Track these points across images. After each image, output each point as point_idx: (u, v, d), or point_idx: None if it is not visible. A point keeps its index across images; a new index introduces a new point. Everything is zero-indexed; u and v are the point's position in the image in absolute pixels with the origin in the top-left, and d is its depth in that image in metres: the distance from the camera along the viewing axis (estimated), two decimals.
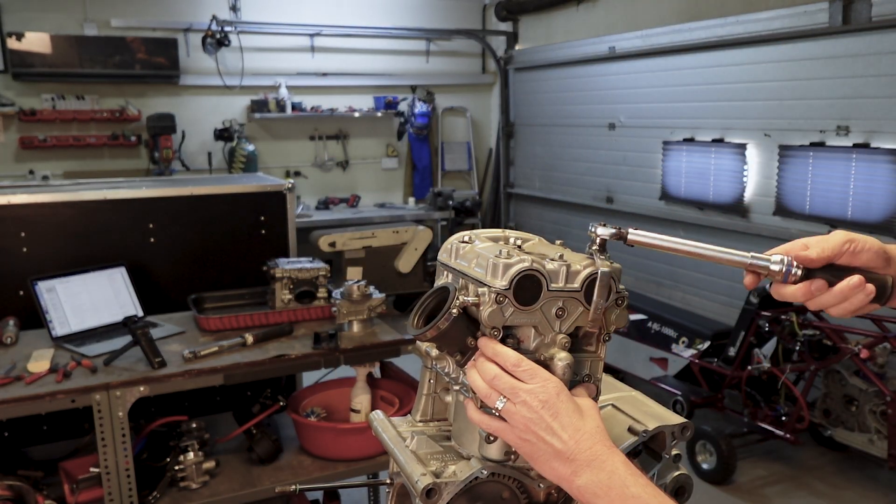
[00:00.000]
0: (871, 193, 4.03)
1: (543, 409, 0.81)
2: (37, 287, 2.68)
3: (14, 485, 2.33)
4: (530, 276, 0.86)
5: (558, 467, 0.81)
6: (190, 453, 2.52)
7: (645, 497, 0.78)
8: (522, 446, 0.83)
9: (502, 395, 0.83)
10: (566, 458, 0.80)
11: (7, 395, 2.16)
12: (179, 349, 2.45)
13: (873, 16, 3.91)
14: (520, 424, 0.82)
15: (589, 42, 6.10)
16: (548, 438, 0.81)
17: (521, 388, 0.82)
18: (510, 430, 0.83)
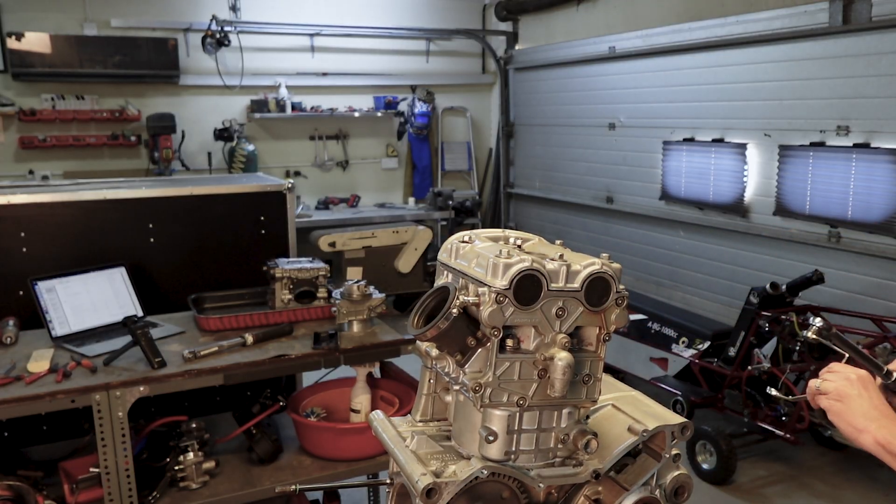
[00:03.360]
0: (871, 193, 4.03)
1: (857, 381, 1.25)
2: (37, 287, 2.68)
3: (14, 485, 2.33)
4: (530, 275, 0.86)
5: (861, 423, 1.19)
6: (190, 453, 2.51)
7: None
8: (834, 405, 1.23)
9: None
10: (870, 418, 1.18)
11: (7, 395, 2.16)
12: (179, 349, 2.45)
13: (873, 16, 3.91)
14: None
15: (589, 42, 6.10)
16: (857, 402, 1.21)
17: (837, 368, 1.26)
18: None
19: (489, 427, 0.90)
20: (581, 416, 0.96)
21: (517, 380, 0.89)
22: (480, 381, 0.88)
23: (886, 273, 4.03)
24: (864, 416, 1.19)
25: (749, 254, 4.84)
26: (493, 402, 0.89)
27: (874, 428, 1.17)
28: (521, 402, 0.90)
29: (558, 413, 0.93)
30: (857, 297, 4.14)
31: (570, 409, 0.93)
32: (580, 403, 0.93)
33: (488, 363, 0.88)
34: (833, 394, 1.23)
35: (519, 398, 0.89)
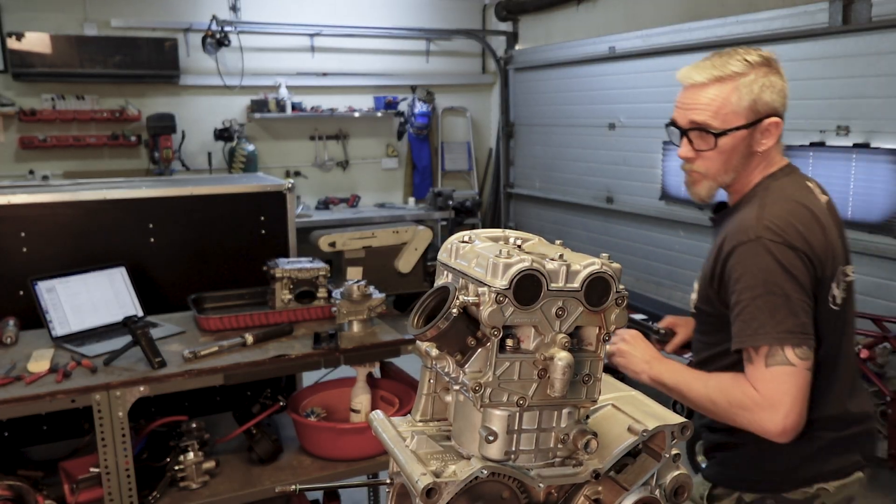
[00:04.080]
0: (871, 193, 4.03)
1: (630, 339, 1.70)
2: (37, 287, 2.68)
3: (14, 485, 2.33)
4: (530, 275, 0.86)
5: (639, 367, 1.62)
6: (190, 453, 2.52)
7: (687, 372, 1.56)
8: (619, 360, 1.67)
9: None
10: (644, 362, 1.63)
11: (7, 395, 2.16)
12: (179, 349, 2.45)
13: (873, 16, 3.91)
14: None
15: (589, 42, 6.10)
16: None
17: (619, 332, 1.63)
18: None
19: (489, 427, 0.91)
20: (581, 416, 0.96)
21: (517, 380, 0.89)
22: (480, 381, 0.88)
23: (886, 273, 4.03)
24: (639, 362, 1.62)
25: None
26: (493, 402, 0.89)
27: (647, 369, 1.60)
28: (521, 402, 0.90)
29: (558, 413, 0.93)
30: (857, 297, 4.12)
31: (570, 409, 0.93)
32: (580, 403, 0.93)
33: (488, 363, 0.88)
34: (617, 351, 1.66)
35: (519, 398, 0.90)
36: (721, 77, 1.52)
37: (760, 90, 1.55)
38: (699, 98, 1.54)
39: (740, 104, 1.54)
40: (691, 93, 1.55)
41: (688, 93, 1.55)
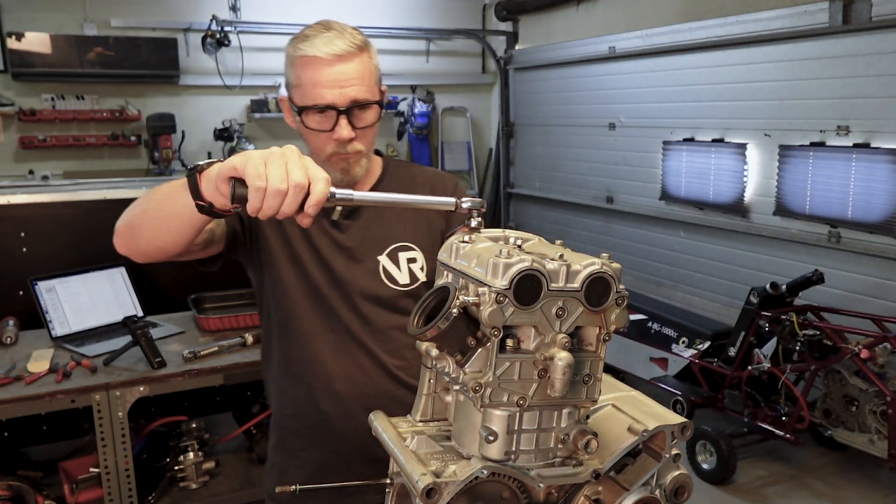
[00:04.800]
0: (871, 193, 4.03)
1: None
2: (37, 287, 2.68)
3: (14, 485, 2.33)
4: (530, 275, 0.85)
5: None
6: (190, 453, 2.52)
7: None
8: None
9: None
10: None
11: (7, 395, 2.16)
12: (179, 349, 2.45)
13: (873, 16, 3.91)
14: None
15: (589, 42, 6.10)
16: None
17: None
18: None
19: (489, 427, 0.90)
20: (581, 416, 0.96)
21: (517, 380, 0.89)
22: (480, 381, 0.88)
23: (886, 273, 4.03)
24: None
25: (749, 254, 4.84)
26: (493, 402, 0.89)
27: None
28: (521, 402, 0.90)
29: (558, 413, 0.93)
30: (857, 297, 4.14)
31: (570, 409, 0.93)
32: (580, 403, 0.93)
33: (488, 363, 0.88)
34: None
35: (519, 398, 0.89)
36: (361, 47, 1.41)
37: (377, 58, 1.50)
38: (350, 71, 1.39)
39: (377, 73, 1.48)
40: (340, 67, 1.38)
41: (335, 68, 1.38)
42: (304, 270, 1.48)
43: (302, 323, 1.49)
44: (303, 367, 1.51)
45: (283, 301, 1.50)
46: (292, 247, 1.48)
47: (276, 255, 1.48)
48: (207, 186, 1.08)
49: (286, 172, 1.00)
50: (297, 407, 1.54)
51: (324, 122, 1.41)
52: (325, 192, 1.02)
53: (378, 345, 1.50)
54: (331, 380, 1.49)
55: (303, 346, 1.50)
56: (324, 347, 1.49)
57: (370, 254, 1.51)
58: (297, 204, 1.02)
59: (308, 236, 1.48)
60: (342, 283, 1.48)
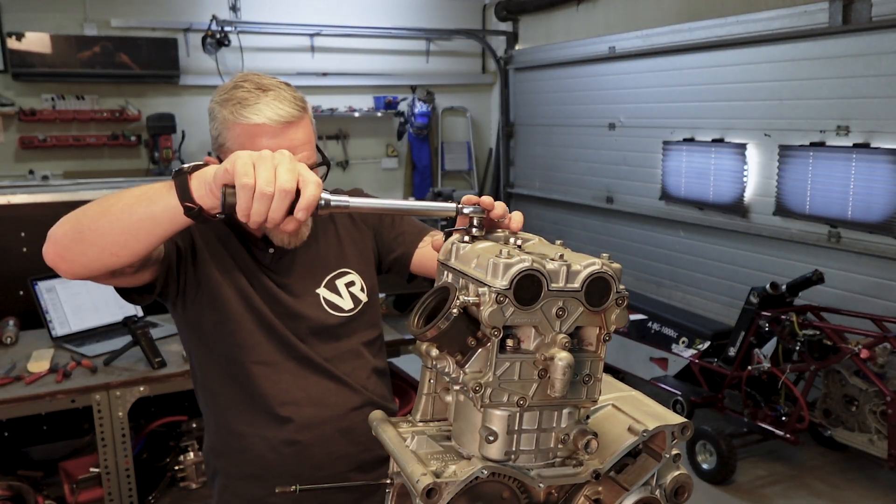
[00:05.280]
0: (871, 193, 4.03)
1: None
2: (37, 287, 2.68)
3: (14, 485, 2.34)
4: (531, 275, 0.86)
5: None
6: (190, 453, 2.52)
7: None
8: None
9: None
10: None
11: (7, 395, 2.16)
12: (179, 349, 2.45)
13: (873, 16, 3.91)
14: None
15: (589, 42, 6.10)
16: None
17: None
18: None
19: (489, 427, 0.90)
20: (581, 416, 0.96)
21: (517, 380, 0.89)
22: (480, 381, 0.88)
23: (886, 273, 4.03)
24: None
25: (749, 254, 4.84)
26: (494, 402, 0.89)
27: None
28: (521, 402, 0.90)
29: (558, 413, 0.93)
30: (857, 297, 4.14)
31: (570, 409, 0.93)
32: (580, 403, 0.93)
33: (488, 363, 0.88)
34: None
35: (519, 398, 0.89)
36: (303, 106, 1.38)
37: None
38: (299, 137, 1.35)
39: (314, 131, 1.45)
40: (290, 135, 1.33)
41: (285, 136, 1.33)
42: (253, 305, 1.43)
43: (259, 355, 1.43)
44: (267, 399, 1.44)
45: (234, 336, 1.42)
46: (239, 284, 1.43)
47: (223, 292, 1.42)
48: (199, 188, 1.05)
49: (274, 176, 0.98)
50: (264, 444, 1.45)
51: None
52: (315, 195, 1.00)
53: (336, 367, 1.49)
54: (299, 407, 1.44)
55: (264, 377, 1.44)
56: (285, 375, 1.44)
57: (309, 289, 1.49)
58: (284, 209, 0.99)
59: (252, 275, 1.44)
60: (292, 315, 1.45)
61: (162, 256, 1.34)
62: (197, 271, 1.42)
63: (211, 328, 1.43)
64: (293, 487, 1.08)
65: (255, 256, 1.46)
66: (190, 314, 1.45)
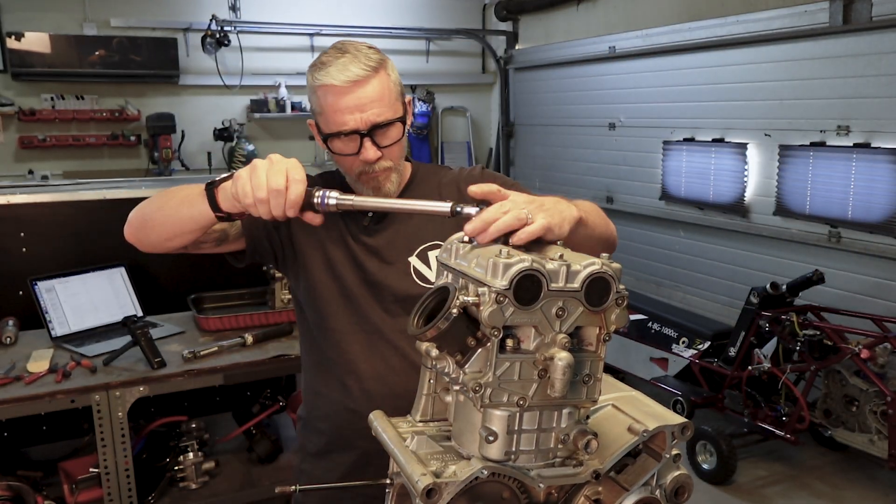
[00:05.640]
0: (871, 193, 4.03)
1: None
2: (36, 287, 2.68)
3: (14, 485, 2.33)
4: (530, 276, 0.85)
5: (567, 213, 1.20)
6: (190, 453, 2.52)
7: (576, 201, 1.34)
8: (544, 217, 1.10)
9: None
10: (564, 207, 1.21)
11: (7, 395, 2.16)
12: (179, 349, 2.45)
13: (873, 16, 3.91)
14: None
15: (589, 42, 6.10)
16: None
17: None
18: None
19: (489, 427, 0.90)
20: (581, 417, 0.96)
21: (517, 380, 0.89)
22: (480, 381, 0.88)
23: (886, 273, 4.03)
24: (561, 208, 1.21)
25: (749, 254, 4.83)
26: (493, 403, 0.89)
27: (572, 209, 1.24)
28: (521, 402, 0.89)
29: (558, 413, 0.93)
30: (857, 297, 4.13)
31: (570, 409, 0.93)
32: (580, 403, 0.93)
33: (488, 363, 0.88)
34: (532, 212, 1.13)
35: (519, 398, 0.89)
36: (376, 67, 1.44)
37: (396, 71, 1.52)
38: (367, 94, 1.42)
39: (397, 87, 1.50)
40: (357, 93, 1.42)
41: (352, 94, 1.41)
42: (337, 273, 1.52)
43: (334, 322, 1.53)
44: (336, 366, 1.54)
45: (316, 302, 1.54)
46: (326, 251, 1.53)
47: (311, 259, 1.53)
48: (224, 200, 1.29)
49: (265, 181, 1.20)
50: (330, 406, 1.57)
51: (349, 145, 1.45)
52: (298, 192, 1.20)
53: (408, 343, 1.51)
54: (362, 379, 1.52)
55: (336, 345, 1.54)
56: (355, 347, 1.52)
57: (401, 256, 1.54)
58: (282, 205, 1.21)
59: (343, 241, 1.53)
60: (374, 285, 1.51)
61: (247, 235, 1.53)
62: (292, 239, 1.55)
63: (303, 293, 1.56)
64: (293, 487, 1.08)
65: (352, 221, 1.54)
66: (290, 279, 1.61)
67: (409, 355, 1.51)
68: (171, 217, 1.39)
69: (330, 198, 1.24)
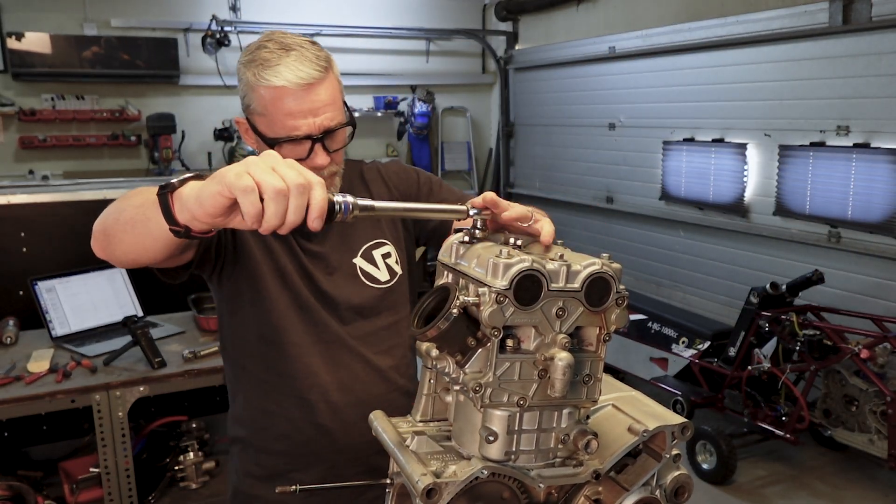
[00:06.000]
0: (871, 193, 4.03)
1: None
2: (37, 287, 2.68)
3: (14, 485, 2.33)
4: (531, 276, 0.85)
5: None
6: (190, 453, 2.52)
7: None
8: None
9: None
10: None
11: (7, 395, 2.16)
12: (179, 349, 2.45)
13: (873, 16, 3.91)
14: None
15: (589, 42, 6.10)
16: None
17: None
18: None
19: (489, 427, 0.90)
20: (581, 417, 0.96)
21: (517, 380, 0.89)
22: (480, 381, 0.88)
23: (886, 273, 4.03)
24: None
25: (749, 254, 4.84)
26: (494, 403, 0.89)
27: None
28: (521, 402, 0.90)
29: (558, 413, 0.93)
30: (857, 297, 4.13)
31: (570, 409, 0.93)
32: (580, 403, 0.93)
33: (488, 363, 0.88)
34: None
35: (519, 398, 0.89)
36: (326, 67, 1.35)
37: (338, 69, 1.44)
38: (321, 98, 1.33)
39: (341, 86, 1.44)
40: (311, 97, 1.32)
41: (306, 98, 1.32)
42: (289, 283, 1.43)
43: (291, 335, 1.43)
44: (295, 381, 1.44)
45: (269, 316, 1.42)
46: (277, 261, 1.43)
47: (260, 268, 1.42)
48: (181, 211, 0.93)
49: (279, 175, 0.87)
50: (288, 425, 1.46)
51: (298, 151, 1.35)
52: (323, 197, 0.89)
53: (368, 348, 1.48)
54: (326, 391, 1.44)
55: (294, 359, 1.43)
56: (315, 359, 1.44)
57: (345, 258, 1.49)
58: (304, 207, 0.87)
59: (290, 249, 1.44)
60: (326, 294, 1.44)
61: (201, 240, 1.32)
62: (236, 247, 1.42)
63: (247, 304, 1.43)
64: (293, 487, 1.08)
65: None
66: (226, 289, 1.45)
67: (372, 361, 1.47)
68: (128, 231, 1.10)
69: (351, 204, 0.92)
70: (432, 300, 0.93)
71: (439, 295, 0.93)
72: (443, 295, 0.91)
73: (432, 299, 0.93)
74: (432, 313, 0.91)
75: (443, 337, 0.88)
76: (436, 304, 0.92)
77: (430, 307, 0.93)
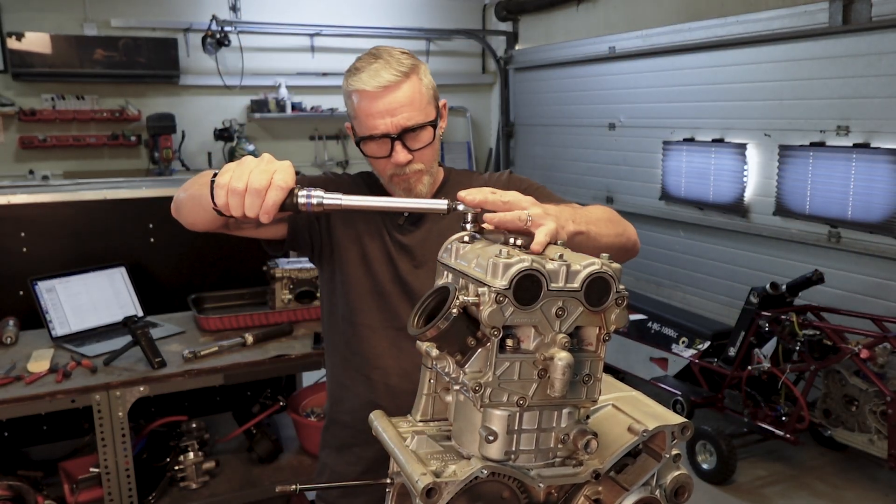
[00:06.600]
0: (871, 193, 4.03)
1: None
2: (37, 287, 2.68)
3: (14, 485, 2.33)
4: (530, 275, 0.86)
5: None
6: (190, 453, 2.52)
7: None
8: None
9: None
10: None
11: (7, 395, 2.16)
12: (179, 349, 2.45)
13: (873, 16, 3.91)
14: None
15: (589, 42, 6.10)
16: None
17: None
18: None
19: (489, 427, 0.91)
20: (581, 416, 0.96)
21: (517, 380, 0.89)
22: (480, 381, 0.88)
23: (886, 273, 4.03)
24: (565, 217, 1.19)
25: (749, 254, 4.84)
26: (493, 402, 0.89)
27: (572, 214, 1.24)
28: (521, 402, 0.90)
29: (558, 413, 0.93)
30: (857, 297, 4.14)
31: (570, 409, 0.93)
32: (580, 403, 0.93)
33: (488, 363, 0.88)
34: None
35: (519, 398, 0.89)
36: (407, 73, 1.48)
37: (430, 76, 1.59)
38: (398, 99, 1.46)
39: (430, 91, 1.57)
40: (388, 98, 1.46)
41: (383, 99, 1.45)
42: (371, 268, 1.55)
43: (365, 318, 1.56)
44: (363, 360, 1.58)
45: (349, 296, 1.57)
46: (363, 245, 1.57)
47: (348, 253, 1.57)
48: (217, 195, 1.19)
49: (247, 177, 1.14)
50: (354, 400, 1.60)
51: (381, 148, 1.49)
52: (275, 199, 1.14)
53: None
54: (387, 375, 1.56)
55: (365, 340, 1.57)
56: (383, 342, 1.56)
57: (431, 256, 1.55)
58: (258, 206, 1.14)
59: (380, 236, 1.57)
60: (405, 283, 1.55)
61: (290, 223, 1.55)
62: (330, 232, 1.58)
63: (338, 286, 1.59)
64: (293, 487, 1.08)
65: (389, 218, 1.58)
66: (325, 271, 1.63)
67: None
68: (190, 203, 1.42)
69: (313, 197, 1.17)
70: (432, 300, 0.93)
71: (439, 295, 0.93)
72: (443, 295, 0.91)
73: (432, 299, 0.94)
74: (432, 313, 0.91)
75: (443, 337, 0.88)
76: (436, 303, 0.92)
77: (430, 307, 0.93)
